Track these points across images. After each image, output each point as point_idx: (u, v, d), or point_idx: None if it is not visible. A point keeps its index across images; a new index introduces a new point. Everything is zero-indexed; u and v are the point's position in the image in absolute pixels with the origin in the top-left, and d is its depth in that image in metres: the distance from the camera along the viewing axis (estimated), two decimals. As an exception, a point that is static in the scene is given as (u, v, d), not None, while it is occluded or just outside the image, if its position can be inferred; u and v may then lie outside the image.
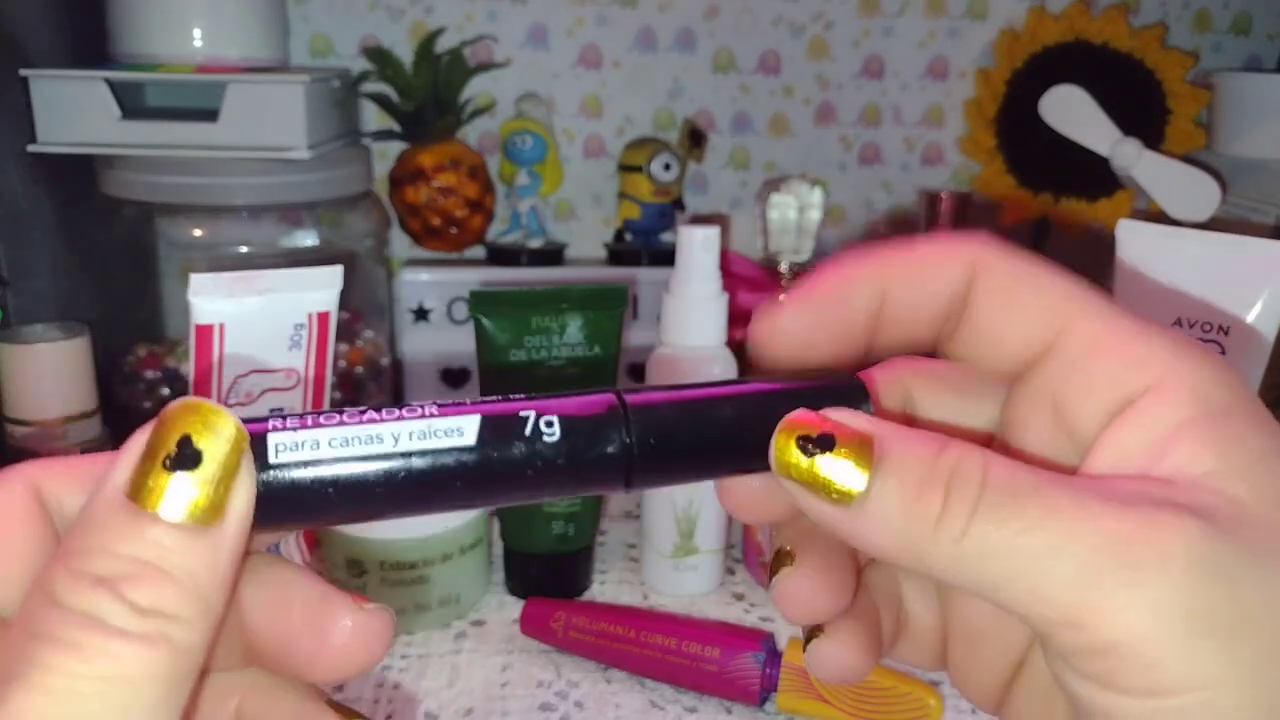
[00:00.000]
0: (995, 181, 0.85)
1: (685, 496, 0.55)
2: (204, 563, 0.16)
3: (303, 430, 0.17)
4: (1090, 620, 0.16)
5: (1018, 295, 0.19)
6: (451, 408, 0.18)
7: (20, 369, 0.55)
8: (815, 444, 0.18)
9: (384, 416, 0.18)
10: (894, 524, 0.17)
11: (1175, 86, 0.80)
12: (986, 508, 0.16)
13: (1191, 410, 0.17)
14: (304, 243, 0.69)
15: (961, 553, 0.17)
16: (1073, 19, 0.81)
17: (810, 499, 0.18)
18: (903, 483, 0.17)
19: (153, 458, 0.16)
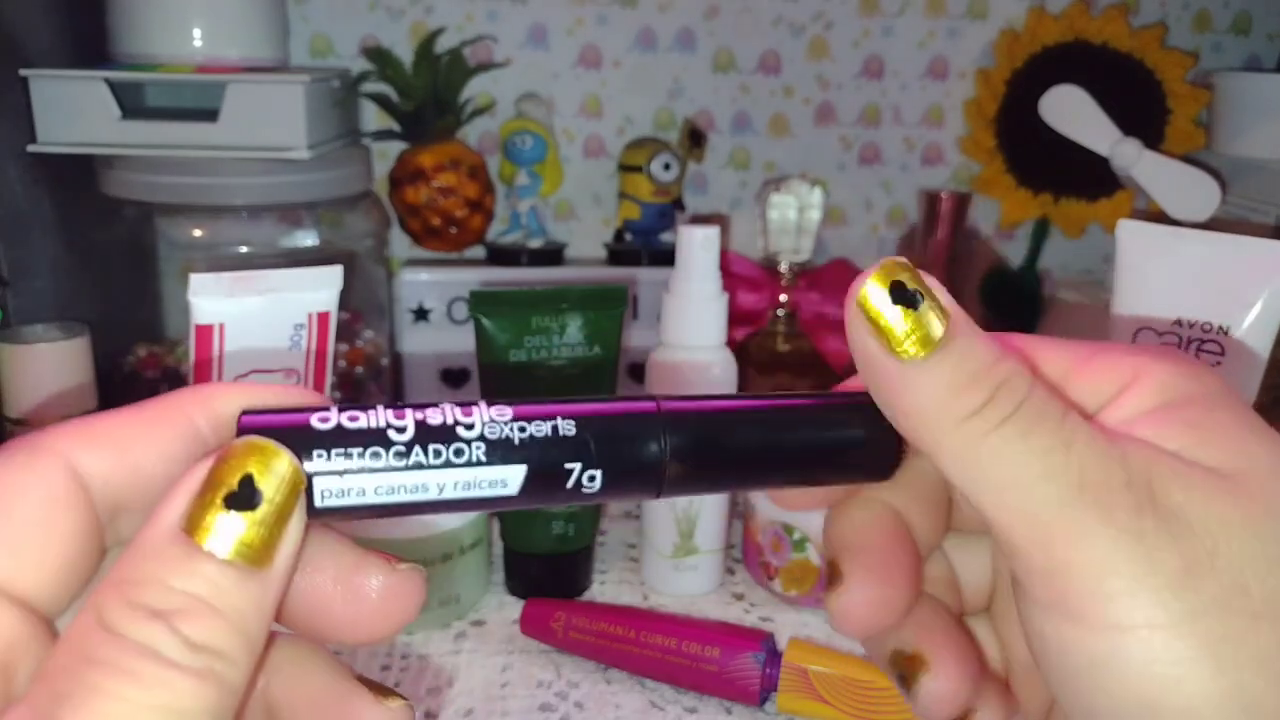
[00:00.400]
0: (995, 181, 0.85)
1: (685, 497, 0.55)
2: (253, 603, 0.16)
3: (349, 477, 0.17)
4: (1055, 543, 0.17)
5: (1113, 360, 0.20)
6: (499, 446, 0.18)
7: (20, 369, 0.55)
8: (905, 294, 0.18)
9: (430, 461, 0.17)
10: (932, 398, 0.18)
11: (1175, 86, 0.80)
12: (1017, 419, 0.18)
13: (1157, 399, 0.19)
14: (304, 243, 0.69)
15: (976, 450, 0.18)
16: (1073, 19, 0.81)
17: (871, 341, 0.18)
18: (957, 369, 0.18)
19: (211, 494, 0.16)
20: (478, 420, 0.18)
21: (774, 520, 0.55)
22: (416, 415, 0.18)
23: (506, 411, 0.18)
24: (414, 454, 0.17)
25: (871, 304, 0.18)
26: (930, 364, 0.18)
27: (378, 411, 0.18)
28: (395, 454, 0.17)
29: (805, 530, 0.54)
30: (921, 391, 0.18)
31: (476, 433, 0.18)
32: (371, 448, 0.17)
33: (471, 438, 0.18)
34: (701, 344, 0.54)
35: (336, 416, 0.17)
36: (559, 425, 0.18)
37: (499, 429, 0.18)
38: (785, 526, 0.54)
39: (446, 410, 0.18)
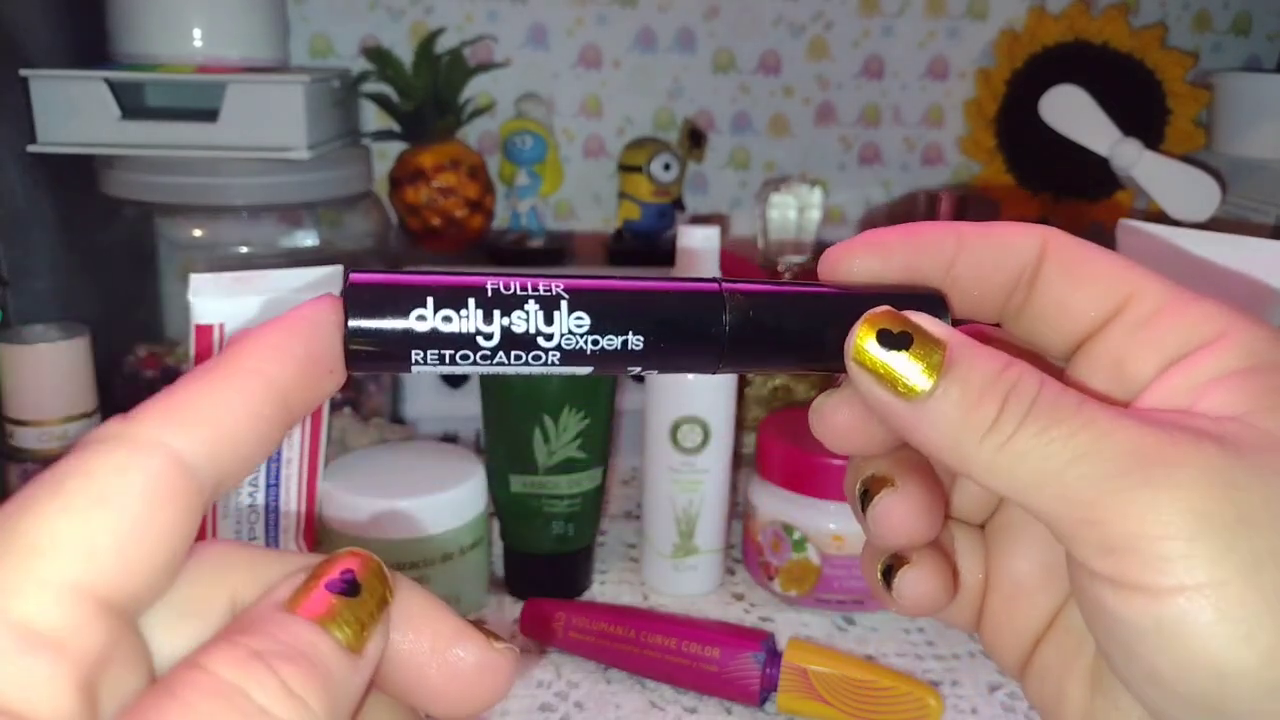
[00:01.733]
0: (995, 181, 0.85)
1: (685, 496, 0.55)
2: (346, 678, 0.16)
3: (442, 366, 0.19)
4: (1106, 516, 0.17)
5: (1086, 269, 0.20)
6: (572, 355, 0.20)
7: (20, 369, 0.55)
8: (893, 339, 0.19)
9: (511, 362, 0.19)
10: (950, 425, 0.18)
11: (1175, 86, 0.80)
12: (1033, 419, 0.18)
13: (1239, 362, 0.19)
14: (304, 243, 0.69)
15: (1003, 458, 0.18)
16: (1073, 19, 0.81)
17: (878, 390, 0.19)
18: (965, 389, 0.18)
19: (316, 580, 0.16)
20: (557, 330, 0.19)
21: (774, 520, 0.55)
22: (504, 320, 0.19)
23: (584, 320, 0.19)
24: (497, 357, 0.19)
25: (868, 356, 0.19)
26: (938, 395, 0.18)
27: (470, 312, 0.19)
28: (481, 356, 0.19)
29: (805, 530, 0.54)
30: (938, 422, 0.19)
31: (554, 343, 0.19)
32: (461, 350, 0.19)
33: (550, 347, 0.19)
34: (701, 344, 0.54)
35: (432, 317, 0.19)
36: (629, 341, 0.20)
37: (574, 340, 0.19)
38: (785, 526, 0.54)
39: (532, 314, 0.19)
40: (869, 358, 0.19)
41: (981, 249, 0.21)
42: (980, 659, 0.51)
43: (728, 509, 0.57)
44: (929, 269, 0.21)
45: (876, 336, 0.19)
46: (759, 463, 0.57)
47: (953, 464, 0.19)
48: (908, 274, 0.21)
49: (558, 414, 0.53)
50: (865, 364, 0.19)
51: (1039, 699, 0.22)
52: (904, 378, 0.19)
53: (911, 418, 0.19)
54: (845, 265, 0.21)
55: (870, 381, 0.19)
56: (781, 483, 0.55)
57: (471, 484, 0.52)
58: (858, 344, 0.19)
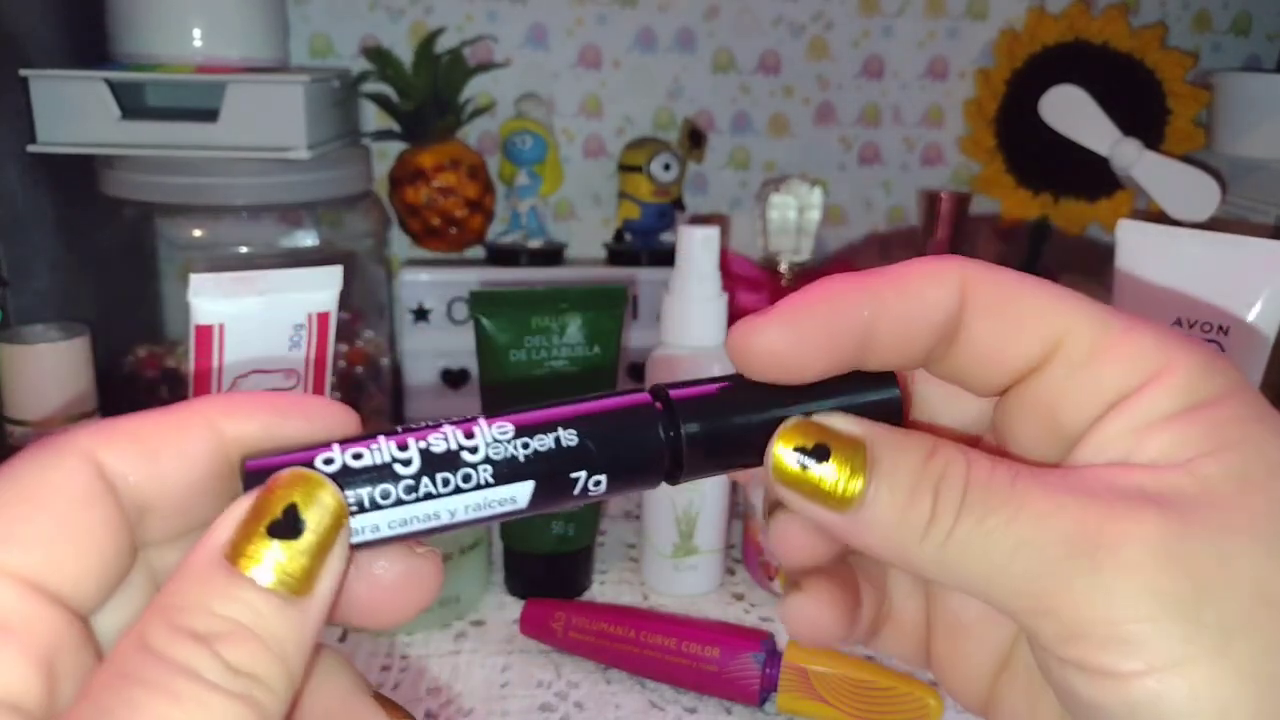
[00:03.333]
0: (995, 181, 0.85)
1: (685, 497, 0.55)
2: (293, 631, 0.16)
3: (361, 515, 0.17)
4: (1060, 607, 0.17)
5: (1011, 311, 0.19)
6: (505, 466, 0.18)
7: (20, 369, 0.55)
8: (811, 453, 0.18)
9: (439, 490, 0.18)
10: (887, 528, 0.18)
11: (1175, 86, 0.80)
12: (967, 509, 0.17)
13: (1177, 403, 0.18)
14: (304, 243, 0.69)
15: (947, 554, 0.17)
16: (1073, 19, 0.81)
17: (807, 505, 0.18)
18: (894, 490, 0.18)
19: (256, 522, 0.16)
20: (480, 442, 0.18)
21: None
22: (420, 444, 0.18)
23: (508, 428, 0.18)
24: (423, 485, 0.18)
25: (790, 473, 0.18)
26: (868, 502, 0.18)
27: (380, 445, 0.17)
28: (404, 489, 0.17)
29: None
30: (875, 527, 0.18)
31: (481, 455, 0.18)
32: (380, 485, 0.17)
33: (476, 461, 0.18)
34: (701, 344, 0.54)
35: (340, 456, 0.17)
36: (560, 437, 0.18)
37: (502, 449, 0.18)
38: (785, 526, 0.54)
39: (449, 434, 0.18)
40: (792, 475, 0.18)
41: (897, 305, 0.19)
42: (980, 659, 0.51)
43: (728, 509, 0.57)
44: (845, 335, 0.19)
45: (793, 452, 0.18)
46: (759, 463, 0.57)
47: (900, 566, 0.18)
48: (825, 344, 0.19)
49: (558, 414, 0.53)
50: (790, 483, 0.18)
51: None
52: (831, 489, 0.18)
53: (848, 527, 0.18)
54: (754, 343, 0.19)
55: (799, 499, 0.18)
56: (781, 483, 0.55)
57: (471, 484, 0.52)
58: (777, 464, 0.19)
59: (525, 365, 0.53)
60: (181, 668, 0.15)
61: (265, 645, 0.16)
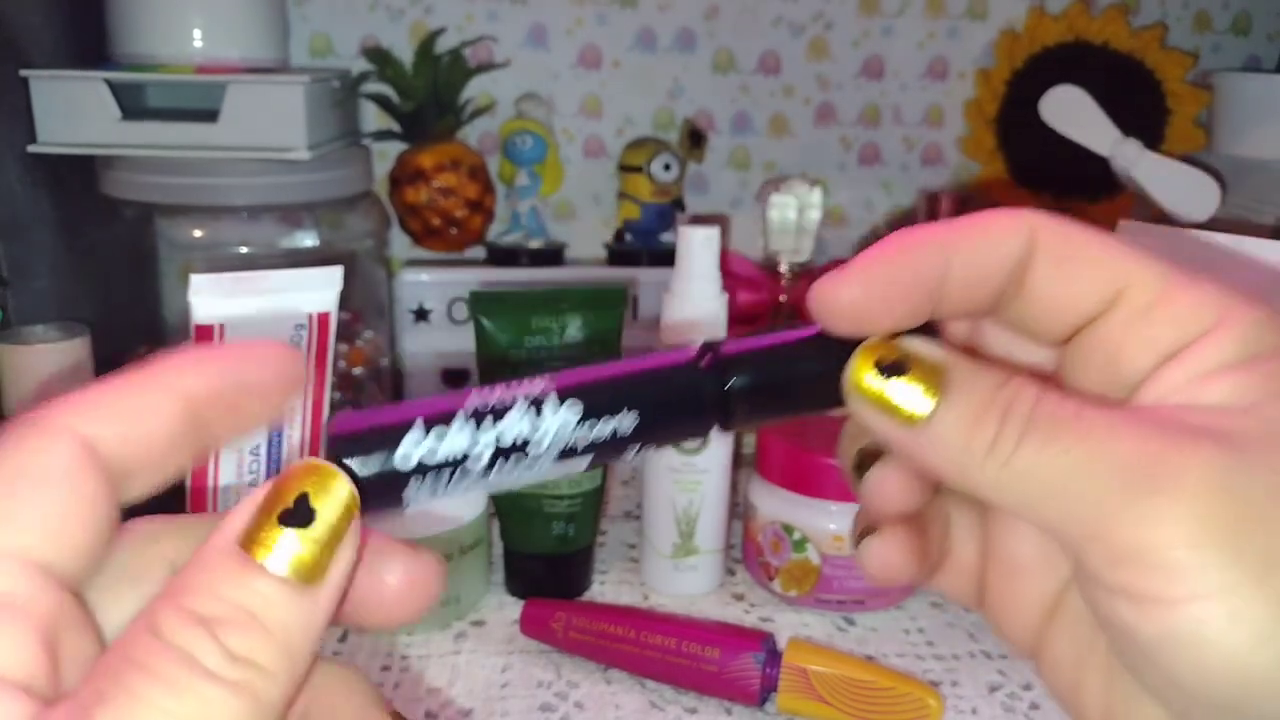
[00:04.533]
0: (995, 181, 0.85)
1: (685, 497, 0.55)
2: (300, 620, 0.16)
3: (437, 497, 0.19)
4: (1111, 530, 0.17)
5: (1077, 259, 0.20)
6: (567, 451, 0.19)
7: (20, 369, 0.55)
8: (889, 369, 0.19)
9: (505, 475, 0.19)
10: (952, 447, 0.19)
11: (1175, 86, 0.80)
12: (1031, 433, 0.18)
13: (1237, 353, 0.19)
14: (304, 243, 0.69)
15: (1007, 476, 0.18)
16: (1073, 19, 0.81)
17: (879, 419, 0.19)
18: (964, 411, 0.18)
19: (268, 511, 0.16)
20: (547, 434, 0.19)
21: (774, 520, 0.55)
22: (494, 430, 0.19)
23: (576, 410, 0.19)
24: (492, 473, 0.19)
25: (867, 388, 0.19)
26: (937, 419, 0.19)
27: (457, 432, 0.18)
28: (475, 476, 0.19)
29: (805, 530, 0.54)
30: (940, 445, 0.19)
31: (547, 444, 0.19)
32: (454, 475, 0.18)
33: (542, 452, 0.19)
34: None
35: (416, 453, 0.18)
36: (621, 426, 0.19)
37: (566, 437, 0.19)
38: (785, 526, 0.54)
39: (521, 420, 0.19)
40: (868, 389, 0.19)
41: (969, 254, 0.20)
42: (980, 659, 0.51)
43: (728, 509, 0.57)
44: (920, 287, 0.20)
45: (874, 366, 0.19)
46: (759, 463, 0.57)
47: (960, 486, 0.19)
48: (902, 294, 0.20)
49: (558, 414, 0.53)
50: (865, 395, 0.19)
51: (1056, 689, 0.22)
52: (903, 405, 0.19)
53: (915, 443, 0.19)
54: (835, 298, 0.20)
55: (871, 412, 0.19)
56: (781, 483, 0.55)
57: (471, 484, 0.52)
58: (854, 377, 0.19)
59: (525, 365, 0.53)
60: (182, 655, 0.15)
61: (270, 633, 0.16)
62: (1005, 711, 0.47)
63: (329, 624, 0.17)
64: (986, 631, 0.54)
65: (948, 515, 0.24)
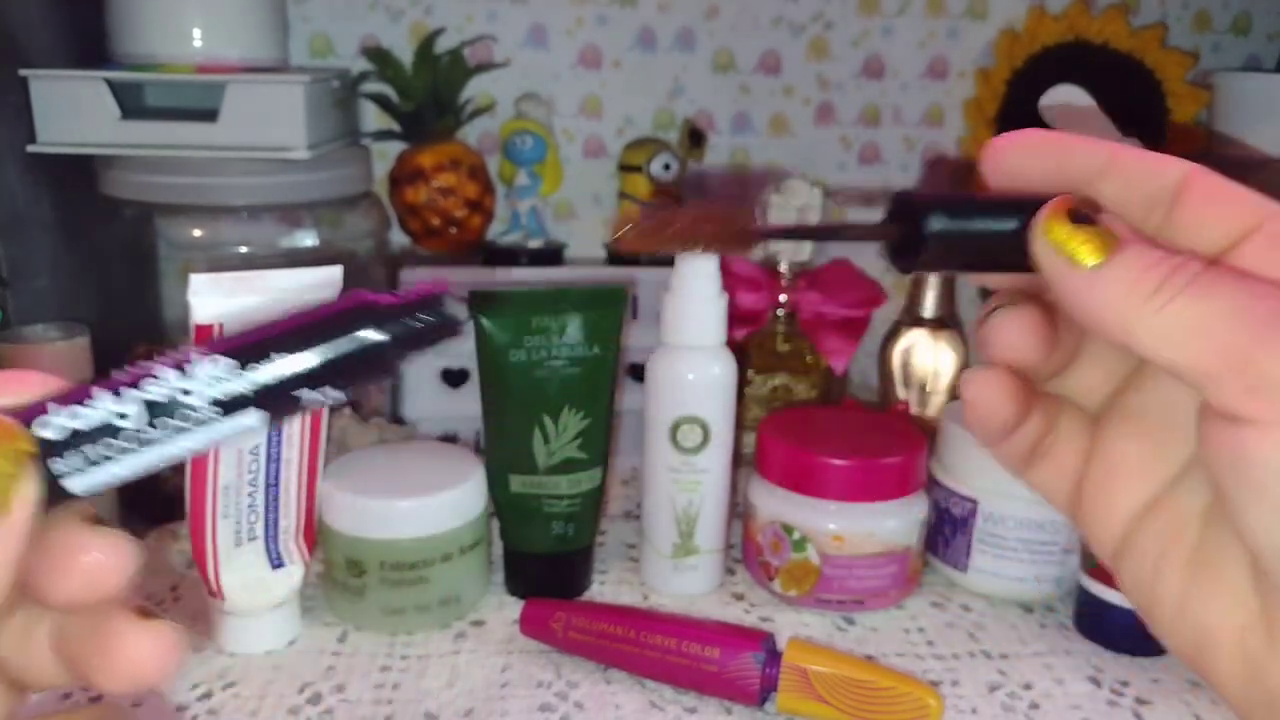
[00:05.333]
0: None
1: (685, 497, 0.55)
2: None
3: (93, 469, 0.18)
4: (1256, 357, 0.19)
5: (1228, 193, 0.22)
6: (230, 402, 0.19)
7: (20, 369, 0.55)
8: (1080, 216, 0.21)
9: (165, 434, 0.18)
10: (1117, 290, 0.20)
11: (1175, 86, 0.80)
12: (1195, 286, 0.20)
13: None
14: (304, 243, 0.69)
15: (1164, 317, 0.20)
16: (1072, 19, 0.81)
17: (1056, 258, 0.21)
18: (1135, 262, 0.20)
19: None
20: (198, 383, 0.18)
21: (774, 520, 0.55)
22: (134, 392, 0.18)
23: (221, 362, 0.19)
24: (146, 434, 0.18)
25: (1053, 229, 0.21)
26: (1111, 264, 0.21)
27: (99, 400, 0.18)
28: (127, 439, 0.18)
29: (805, 530, 0.54)
30: (1107, 287, 0.20)
31: (203, 396, 0.18)
32: (103, 439, 0.18)
33: (199, 403, 0.18)
34: (702, 344, 0.54)
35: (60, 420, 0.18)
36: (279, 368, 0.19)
37: (222, 385, 0.18)
38: (785, 526, 0.54)
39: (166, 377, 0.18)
40: (1056, 231, 0.21)
41: (1131, 167, 0.23)
42: (980, 659, 0.51)
43: (728, 509, 0.57)
44: (1076, 177, 0.23)
45: (1066, 213, 0.21)
46: (759, 463, 0.57)
47: (1116, 328, 0.20)
48: (1056, 177, 0.23)
49: (558, 414, 0.53)
50: (1051, 234, 0.21)
51: (1132, 582, 0.23)
52: (1082, 248, 0.21)
53: (1083, 284, 0.21)
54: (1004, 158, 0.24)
55: (1051, 251, 0.21)
56: (781, 483, 0.55)
57: (471, 484, 0.52)
58: (1048, 217, 0.21)
59: (525, 365, 0.53)
60: None
61: None
62: (1005, 711, 0.47)
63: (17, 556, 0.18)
64: (986, 631, 0.54)
65: (1056, 414, 0.25)
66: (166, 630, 0.20)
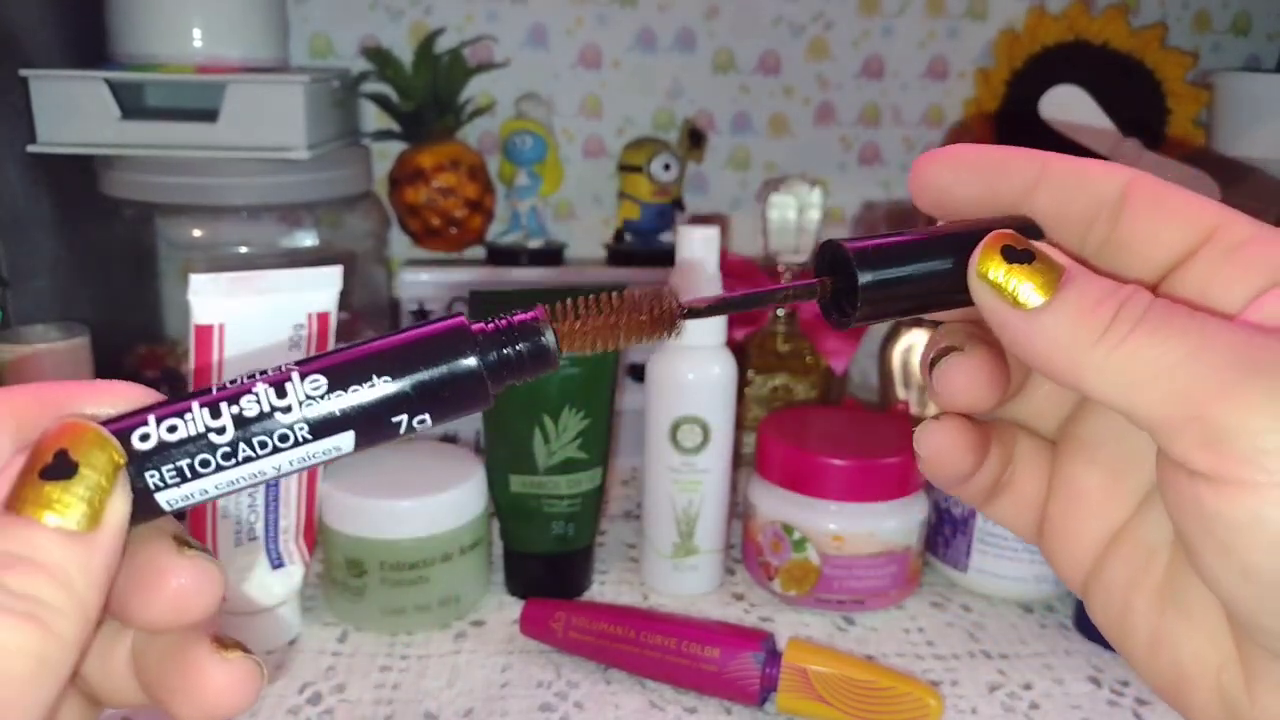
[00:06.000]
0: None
1: (685, 497, 0.55)
2: (76, 562, 0.17)
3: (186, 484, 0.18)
4: (1212, 410, 0.18)
5: (1172, 203, 0.21)
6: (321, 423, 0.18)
7: (20, 369, 0.55)
8: (1016, 254, 0.20)
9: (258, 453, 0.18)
10: (1065, 332, 0.19)
11: (1175, 86, 0.80)
12: (1146, 324, 0.19)
13: None
14: (304, 243, 0.69)
15: (1114, 360, 0.19)
16: (1072, 19, 0.81)
17: (996, 301, 0.20)
18: (1080, 300, 0.19)
19: (30, 472, 0.17)
20: (294, 402, 0.18)
21: (774, 520, 0.55)
22: (232, 409, 0.18)
23: (321, 382, 0.18)
24: (241, 450, 0.18)
25: (991, 271, 0.20)
26: (1055, 304, 0.19)
27: (194, 414, 0.18)
28: (222, 456, 0.18)
29: (805, 530, 0.54)
30: (1052, 329, 0.19)
31: (296, 415, 0.18)
32: (199, 455, 0.18)
33: (292, 421, 0.18)
34: (701, 344, 0.54)
35: (156, 431, 0.18)
36: (375, 384, 0.19)
37: (316, 406, 0.18)
38: (785, 526, 0.54)
39: (262, 396, 0.18)
40: (992, 271, 0.20)
41: (1065, 178, 0.21)
42: (980, 659, 0.51)
43: (728, 509, 0.57)
44: (1008, 192, 0.22)
45: (1000, 252, 0.20)
46: (759, 463, 0.57)
47: (1064, 372, 0.19)
48: (987, 194, 0.22)
49: (558, 414, 0.53)
50: (988, 277, 0.20)
51: (1103, 615, 0.22)
52: (1021, 290, 0.20)
53: (1027, 328, 0.19)
54: (931, 178, 0.22)
55: (991, 294, 0.20)
56: (781, 483, 0.55)
57: (471, 484, 0.52)
58: (982, 258, 0.20)
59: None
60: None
61: (48, 573, 0.16)
62: (1005, 711, 0.47)
63: (108, 573, 0.17)
64: (986, 631, 0.54)
65: (1013, 444, 0.24)
66: (247, 663, 0.19)
